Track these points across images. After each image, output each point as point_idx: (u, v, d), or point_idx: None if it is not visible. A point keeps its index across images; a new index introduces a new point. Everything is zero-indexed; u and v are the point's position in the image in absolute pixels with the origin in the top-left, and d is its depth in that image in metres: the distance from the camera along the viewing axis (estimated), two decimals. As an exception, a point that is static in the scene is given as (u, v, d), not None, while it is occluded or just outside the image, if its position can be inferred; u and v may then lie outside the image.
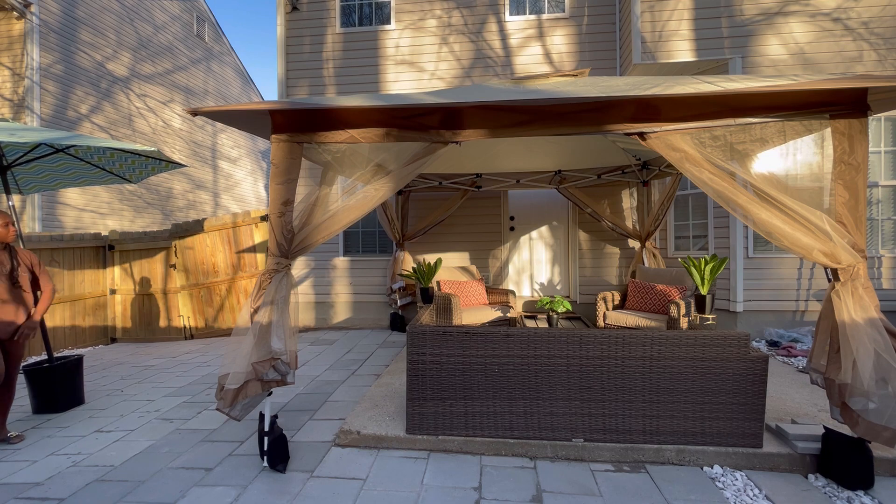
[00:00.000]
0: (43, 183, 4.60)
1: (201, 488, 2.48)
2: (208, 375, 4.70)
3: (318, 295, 7.24)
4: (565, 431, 2.77)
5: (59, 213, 8.56)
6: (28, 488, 2.54)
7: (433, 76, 6.94)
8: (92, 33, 9.45)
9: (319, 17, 7.17)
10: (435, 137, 2.71)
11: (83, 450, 3.00)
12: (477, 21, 6.91)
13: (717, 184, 2.48)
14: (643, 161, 5.74)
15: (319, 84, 7.18)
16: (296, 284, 2.76)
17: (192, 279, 6.97)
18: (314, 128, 2.73)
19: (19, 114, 8.02)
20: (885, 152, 5.41)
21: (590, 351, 2.73)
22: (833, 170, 2.42)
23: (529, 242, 7.18)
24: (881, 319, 2.30)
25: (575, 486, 2.45)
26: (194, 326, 7.02)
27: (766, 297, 5.50)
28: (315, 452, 2.85)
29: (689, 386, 2.67)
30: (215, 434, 3.19)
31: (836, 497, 2.34)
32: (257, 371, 2.50)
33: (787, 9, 5.48)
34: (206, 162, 13.29)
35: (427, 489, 2.43)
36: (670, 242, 6.50)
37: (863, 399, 2.25)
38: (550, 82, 3.13)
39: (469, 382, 2.83)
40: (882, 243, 5.42)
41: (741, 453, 2.62)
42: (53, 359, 3.85)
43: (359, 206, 2.79)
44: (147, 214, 10.88)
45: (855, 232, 2.37)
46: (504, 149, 5.60)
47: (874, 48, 5.36)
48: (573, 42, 6.73)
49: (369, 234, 7.25)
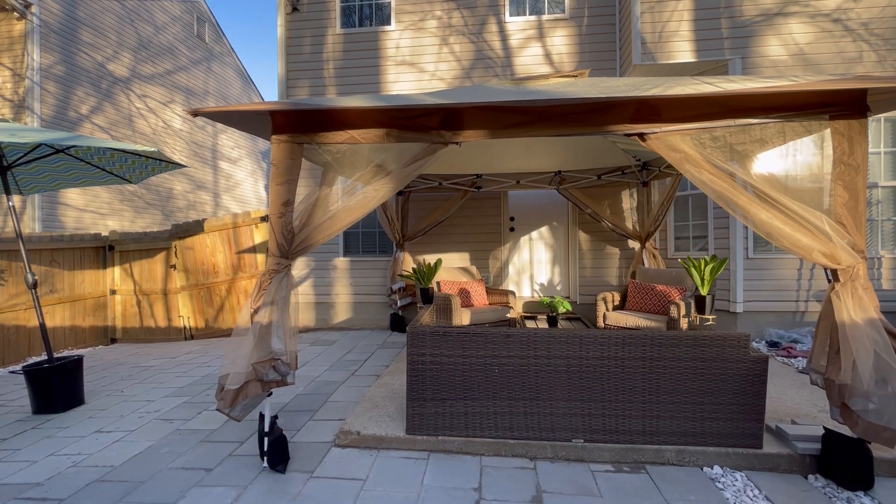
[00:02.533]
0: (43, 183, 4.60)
1: (201, 489, 2.49)
2: (208, 376, 4.70)
3: (318, 295, 7.24)
4: (565, 432, 2.77)
5: (59, 214, 8.57)
6: (28, 488, 2.54)
7: (433, 77, 6.95)
8: (92, 34, 9.45)
9: (319, 17, 7.18)
10: (435, 138, 2.71)
11: (83, 450, 3.00)
12: (477, 22, 6.92)
13: (717, 184, 2.49)
14: (643, 162, 5.74)
15: (320, 85, 7.18)
16: (296, 285, 2.76)
17: (192, 279, 6.97)
18: (314, 128, 2.73)
19: (20, 114, 8.03)
20: (885, 153, 5.41)
21: (590, 351, 2.73)
22: (833, 170, 2.42)
23: (529, 243, 7.18)
24: (881, 320, 2.30)
25: (575, 487, 2.45)
26: (194, 327, 7.02)
27: (765, 297, 5.50)
28: (315, 453, 2.85)
29: (688, 386, 2.68)
30: (215, 434, 3.19)
31: (835, 497, 2.34)
32: (257, 371, 2.50)
33: (787, 9, 5.48)
34: (206, 162, 13.29)
35: (427, 490, 2.43)
36: (670, 243, 6.50)
37: (862, 399, 2.25)
38: (550, 83, 3.13)
39: (469, 383, 2.83)
40: (882, 244, 5.42)
41: (741, 454, 2.62)
42: (53, 359, 3.85)
43: (359, 207, 2.79)
44: (147, 215, 10.88)
45: (855, 233, 2.37)
46: (504, 149, 5.61)
47: (874, 49, 5.36)
48: (573, 43, 6.74)
49: (369, 234, 7.25)
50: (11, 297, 5.59)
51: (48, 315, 5.97)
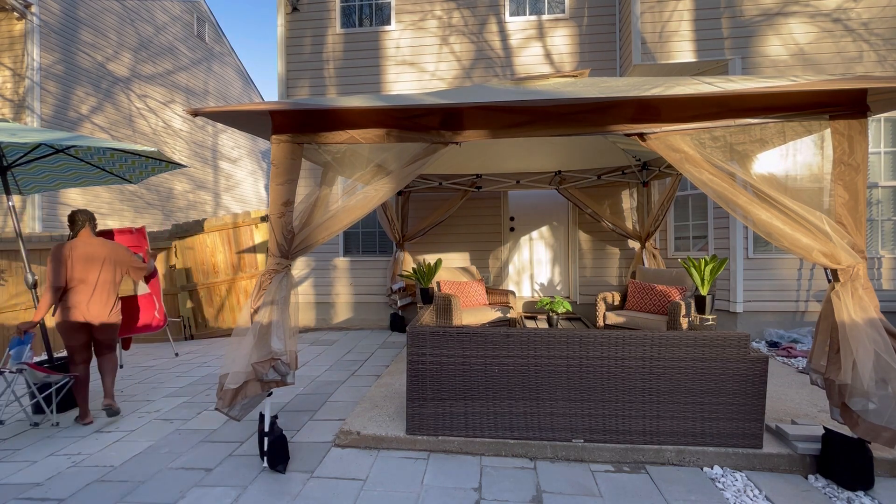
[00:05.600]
0: (43, 183, 4.60)
1: (201, 489, 2.48)
2: (208, 376, 4.70)
3: (318, 295, 7.24)
4: (565, 432, 2.77)
5: (59, 214, 8.57)
6: (28, 488, 2.54)
7: (434, 76, 6.95)
8: (93, 34, 9.46)
9: (320, 17, 7.18)
10: (435, 138, 2.71)
11: (83, 450, 3.00)
12: (477, 22, 6.91)
13: (717, 184, 2.48)
14: (643, 162, 5.74)
15: (320, 84, 7.18)
16: (296, 285, 2.76)
17: (192, 279, 6.97)
18: (314, 128, 2.73)
19: (20, 114, 8.03)
20: (885, 153, 5.41)
21: (590, 351, 2.73)
22: (833, 170, 2.42)
23: (529, 243, 7.18)
24: (881, 320, 2.30)
25: (575, 487, 2.45)
26: (194, 327, 7.02)
27: (766, 297, 5.50)
28: (315, 453, 2.85)
29: (689, 386, 2.67)
30: (215, 434, 3.19)
31: (836, 498, 2.34)
32: (257, 371, 2.50)
33: (788, 9, 5.48)
34: (206, 162, 13.30)
35: (427, 489, 2.43)
36: (670, 243, 6.50)
37: (863, 400, 2.25)
38: (550, 83, 3.13)
39: (469, 383, 2.83)
40: (882, 244, 5.42)
41: (741, 454, 2.62)
42: (53, 359, 3.85)
43: (359, 207, 2.79)
44: (148, 214, 10.88)
45: (855, 233, 2.37)
46: (504, 149, 5.60)
47: (874, 49, 5.36)
48: (573, 43, 6.74)
49: (369, 234, 7.25)
50: (11, 297, 5.59)
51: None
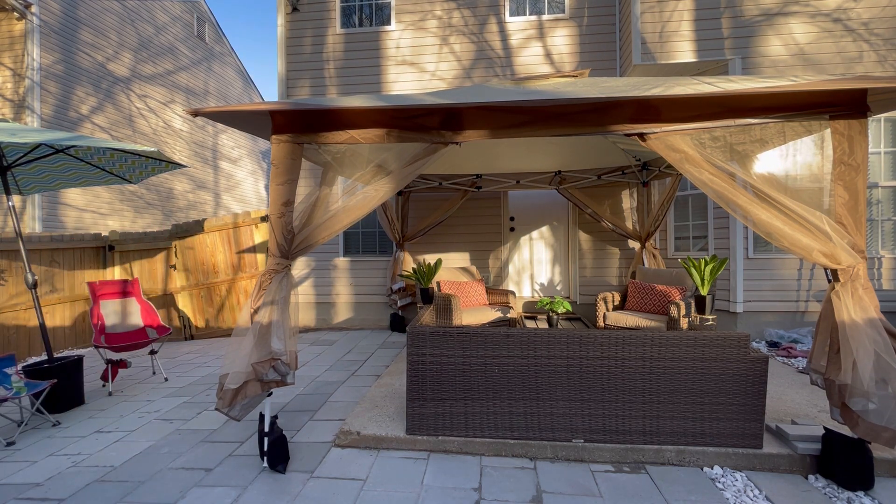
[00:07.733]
0: (43, 183, 4.60)
1: (201, 489, 2.49)
2: (208, 376, 4.70)
3: (318, 295, 7.24)
4: (565, 432, 2.77)
5: (59, 214, 8.57)
6: (28, 489, 2.54)
7: (434, 76, 6.94)
8: (93, 34, 9.45)
9: (320, 17, 7.17)
10: (435, 138, 2.71)
11: (83, 450, 3.01)
12: (477, 22, 6.91)
13: (717, 184, 2.48)
14: (643, 162, 5.74)
15: (320, 84, 7.18)
16: (296, 285, 2.76)
17: (192, 279, 6.97)
18: (315, 128, 2.73)
19: (20, 114, 8.03)
20: (885, 153, 5.41)
21: (590, 351, 2.73)
22: (833, 171, 2.42)
23: (529, 243, 7.18)
24: (881, 320, 2.30)
25: (575, 487, 2.45)
26: (194, 326, 7.02)
27: (766, 297, 5.50)
28: (315, 453, 2.85)
29: (689, 387, 2.67)
30: (215, 434, 3.19)
31: (836, 498, 2.34)
32: (257, 371, 2.50)
33: (788, 9, 5.48)
34: (206, 162, 13.29)
35: (427, 490, 2.43)
36: (670, 243, 6.50)
37: (863, 400, 2.25)
38: (551, 83, 3.13)
39: (469, 383, 2.83)
40: (882, 244, 5.42)
41: (741, 454, 2.62)
42: (53, 359, 3.85)
43: (359, 207, 2.79)
44: (148, 214, 10.88)
45: (855, 233, 2.37)
46: (504, 149, 5.60)
47: (874, 48, 5.36)
48: (573, 43, 6.74)
49: (369, 234, 7.25)
50: (11, 297, 5.59)
51: (48, 315, 5.97)
